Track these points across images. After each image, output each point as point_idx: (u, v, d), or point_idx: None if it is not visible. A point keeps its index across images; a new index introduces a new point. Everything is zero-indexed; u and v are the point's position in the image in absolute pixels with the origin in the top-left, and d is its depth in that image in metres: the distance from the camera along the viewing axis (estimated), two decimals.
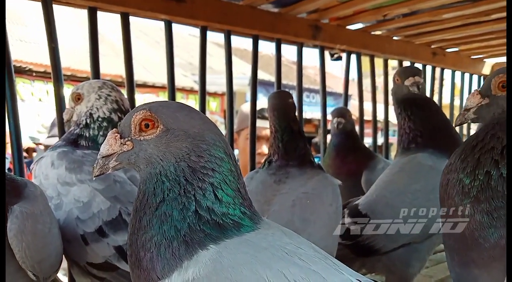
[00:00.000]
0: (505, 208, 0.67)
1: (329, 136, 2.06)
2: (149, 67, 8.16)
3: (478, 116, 0.78)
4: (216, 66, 6.66)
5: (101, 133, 1.10)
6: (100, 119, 1.11)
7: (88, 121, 1.11)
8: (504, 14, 1.91)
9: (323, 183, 1.10)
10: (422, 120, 1.28)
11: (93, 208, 0.97)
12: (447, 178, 0.78)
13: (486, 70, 3.01)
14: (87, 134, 1.10)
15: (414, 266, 1.19)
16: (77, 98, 1.14)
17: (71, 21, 7.31)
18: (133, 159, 0.59)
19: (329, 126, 2.02)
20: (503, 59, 2.89)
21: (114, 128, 0.62)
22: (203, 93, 1.78)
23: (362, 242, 1.18)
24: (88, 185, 0.99)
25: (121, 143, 0.60)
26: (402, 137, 1.32)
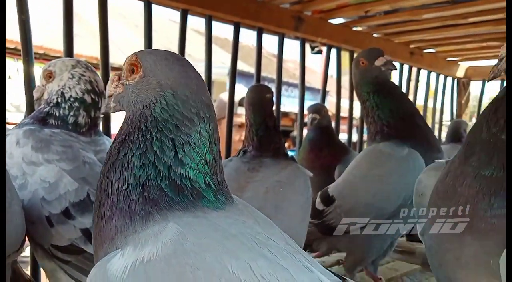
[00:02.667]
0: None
1: (305, 131, 2.07)
2: (126, 50, 7.96)
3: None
4: (196, 54, 6.54)
5: (71, 113, 1.06)
6: (72, 99, 1.07)
7: (59, 100, 1.07)
8: (480, 18, 1.97)
9: (296, 173, 1.12)
10: (390, 110, 1.30)
11: (60, 189, 0.93)
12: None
13: (460, 73, 3.10)
14: (57, 114, 1.06)
15: (372, 248, 1.24)
16: (49, 76, 1.09)
17: None
18: (121, 102, 0.60)
19: (306, 120, 2.04)
20: (478, 63, 2.98)
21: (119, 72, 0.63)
22: None
23: (327, 221, 1.26)
24: (56, 165, 0.96)
25: (116, 85, 0.61)
26: (370, 128, 1.34)
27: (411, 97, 2.87)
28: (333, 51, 2.27)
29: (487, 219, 0.67)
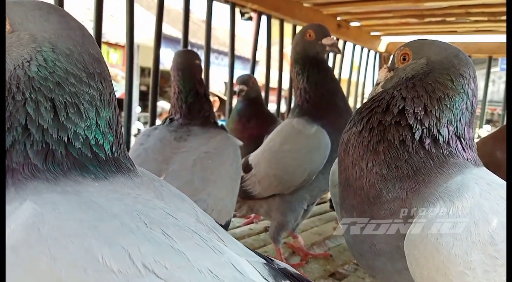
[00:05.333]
0: (403, 160, 0.67)
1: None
2: None
3: (384, 90, 0.78)
4: (120, 15, 6.11)
5: None
6: None
7: None
8: None
9: (225, 142, 1.10)
10: (317, 85, 1.31)
11: None
12: (346, 138, 0.76)
13: (382, 47, 3.24)
14: None
15: (288, 215, 1.31)
16: None
17: None
18: None
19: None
20: (398, 38, 3.14)
21: None
22: (98, 43, 1.59)
23: (245, 187, 1.32)
24: None
25: None
26: (295, 100, 1.36)
27: (337, 70, 2.96)
28: (264, 19, 2.23)
29: (383, 205, 0.68)
